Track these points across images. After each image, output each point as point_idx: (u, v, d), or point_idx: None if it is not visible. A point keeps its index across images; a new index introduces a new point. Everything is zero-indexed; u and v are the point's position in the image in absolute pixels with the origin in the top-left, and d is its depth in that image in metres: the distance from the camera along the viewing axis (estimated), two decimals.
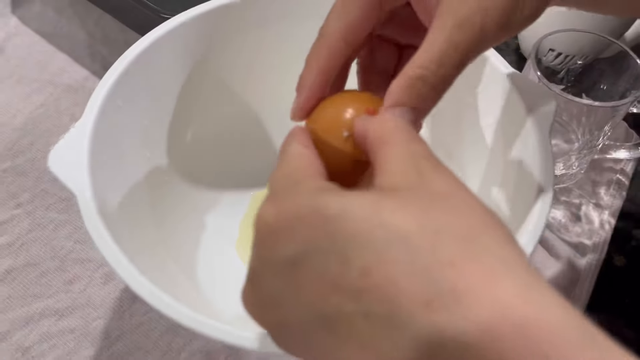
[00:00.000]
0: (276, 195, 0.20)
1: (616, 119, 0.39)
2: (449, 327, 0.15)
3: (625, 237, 0.41)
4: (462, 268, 0.15)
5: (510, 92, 0.32)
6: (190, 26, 0.35)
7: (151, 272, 0.27)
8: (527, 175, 0.30)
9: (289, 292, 0.18)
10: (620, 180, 0.44)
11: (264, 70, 0.39)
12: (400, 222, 0.16)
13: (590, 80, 0.43)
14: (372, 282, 0.16)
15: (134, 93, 0.33)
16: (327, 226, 0.17)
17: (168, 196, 0.36)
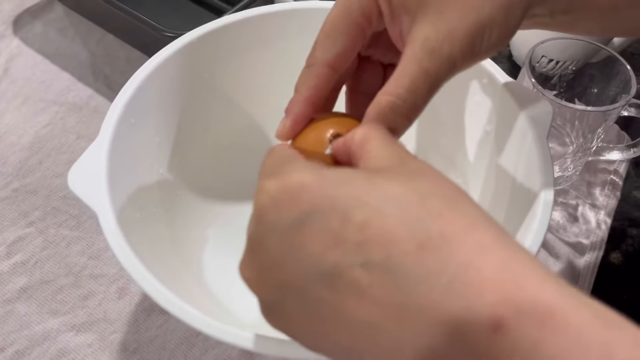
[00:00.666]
0: (274, 172, 0.21)
1: (608, 122, 0.40)
2: (439, 266, 0.17)
3: (621, 235, 0.43)
4: (448, 217, 0.18)
5: (508, 100, 0.34)
6: (196, 45, 0.36)
7: (170, 284, 0.28)
8: (527, 179, 0.31)
9: (292, 252, 0.19)
10: (614, 181, 0.45)
11: (266, 85, 0.40)
12: (392, 186, 0.19)
13: (582, 86, 0.44)
14: (370, 233, 0.18)
15: (146, 111, 0.34)
16: (328, 190, 0.19)
17: (180, 210, 0.37)
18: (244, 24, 0.37)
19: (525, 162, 0.32)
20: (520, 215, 0.30)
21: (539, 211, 0.28)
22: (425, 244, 0.18)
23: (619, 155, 0.44)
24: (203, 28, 0.36)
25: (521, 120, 0.33)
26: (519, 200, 0.31)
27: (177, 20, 0.56)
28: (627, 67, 0.40)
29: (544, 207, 0.29)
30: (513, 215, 0.31)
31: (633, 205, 0.45)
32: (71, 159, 0.45)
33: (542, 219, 0.28)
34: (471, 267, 0.17)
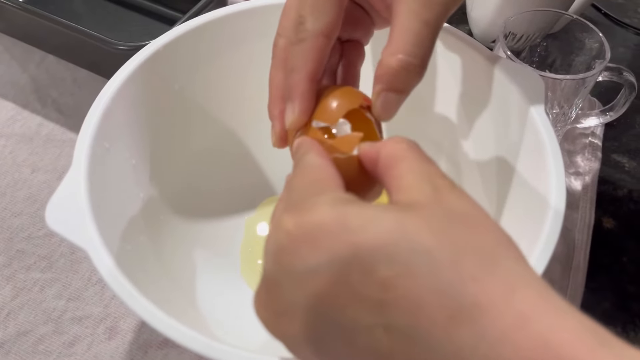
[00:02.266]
0: (296, 205, 0.19)
1: (587, 90, 0.40)
2: (472, 341, 0.15)
3: (609, 199, 0.43)
4: (484, 283, 0.16)
5: (496, 76, 0.33)
6: (161, 55, 0.33)
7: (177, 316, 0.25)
8: (532, 158, 0.30)
9: (308, 303, 0.18)
10: (593, 143, 0.46)
11: (239, 89, 0.38)
12: (423, 237, 0.17)
13: (552, 56, 0.44)
14: (394, 295, 0.16)
15: (119, 132, 0.31)
16: (350, 237, 0.17)
17: (165, 233, 0.34)
18: (207, 28, 0.35)
19: (526, 140, 0.31)
20: (528, 199, 0.29)
21: (552, 197, 0.27)
22: (456, 316, 0.15)
23: (596, 121, 0.44)
24: (166, 37, 0.34)
25: (513, 96, 0.32)
26: (524, 182, 0.30)
27: (124, 33, 0.52)
28: (597, 31, 0.40)
29: (557, 190, 0.27)
30: (519, 201, 0.30)
31: (614, 167, 0.45)
32: (30, 195, 0.41)
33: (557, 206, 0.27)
34: (508, 343, 0.15)
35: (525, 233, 0.27)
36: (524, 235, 0.27)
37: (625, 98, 0.42)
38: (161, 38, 0.34)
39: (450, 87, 0.36)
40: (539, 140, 0.30)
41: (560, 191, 0.27)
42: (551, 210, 0.27)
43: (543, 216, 0.27)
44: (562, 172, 0.28)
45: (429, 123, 0.38)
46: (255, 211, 0.40)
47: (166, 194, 0.35)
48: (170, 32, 0.34)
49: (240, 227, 0.39)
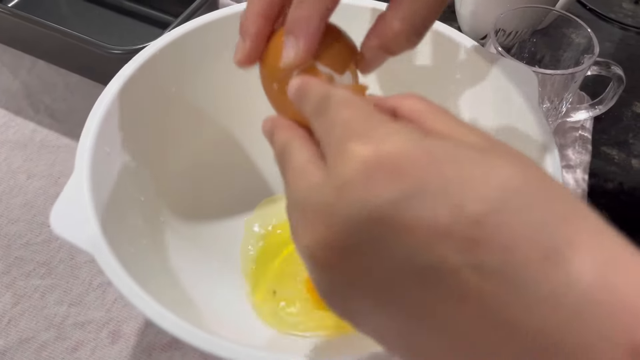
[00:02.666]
0: (362, 134, 0.17)
1: (577, 84, 0.41)
2: (566, 281, 0.15)
3: (599, 191, 0.44)
4: (575, 223, 0.15)
5: (490, 73, 0.33)
6: (158, 59, 0.33)
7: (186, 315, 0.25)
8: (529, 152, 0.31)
9: (384, 237, 0.16)
10: (583, 136, 0.46)
11: (237, 91, 0.38)
12: (512, 176, 0.16)
13: (540, 52, 0.45)
14: (486, 231, 0.15)
15: (118, 136, 0.31)
16: (438, 168, 0.16)
17: (167, 236, 0.34)
18: (203, 31, 0.35)
19: (521, 135, 0.31)
20: None
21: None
22: (551, 256, 0.15)
23: (585, 115, 0.45)
24: (162, 40, 0.34)
25: (507, 92, 0.32)
26: None
27: (113, 36, 0.52)
28: (585, 26, 0.41)
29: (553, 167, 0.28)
30: None
31: (604, 160, 0.46)
32: (26, 201, 0.41)
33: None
34: (606, 285, 0.14)
35: None
36: None
37: (613, 91, 0.43)
38: (157, 41, 0.34)
39: (444, 83, 0.36)
40: (534, 135, 0.30)
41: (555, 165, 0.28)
42: None
43: None
44: (558, 166, 0.29)
45: None
46: (253, 212, 0.40)
47: (166, 196, 0.35)
48: (166, 36, 0.34)
49: (240, 228, 0.39)
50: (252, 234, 0.39)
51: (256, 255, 0.38)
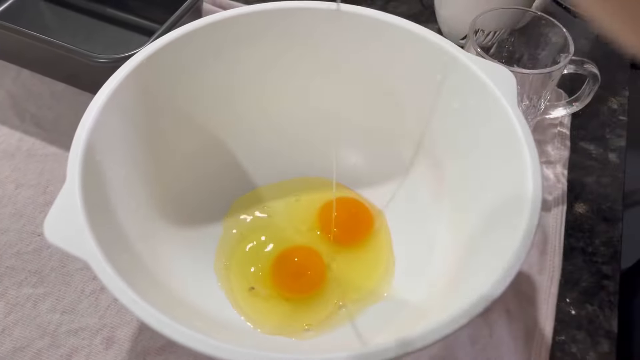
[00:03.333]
0: None
1: (554, 82, 0.42)
2: None
3: (579, 185, 0.45)
4: None
5: (470, 74, 0.34)
6: (145, 67, 0.34)
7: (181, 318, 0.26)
8: (507, 149, 0.32)
9: None
10: (562, 132, 0.48)
11: (224, 96, 0.39)
12: None
13: (519, 52, 0.46)
14: None
15: (109, 144, 0.31)
16: None
17: (159, 240, 0.35)
18: (189, 38, 0.36)
19: (501, 134, 0.32)
20: (507, 192, 0.31)
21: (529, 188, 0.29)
22: None
23: (563, 112, 0.46)
24: (149, 48, 0.34)
25: (487, 93, 0.33)
26: (503, 175, 0.32)
27: (98, 45, 0.52)
28: (560, 26, 0.42)
29: (534, 177, 0.29)
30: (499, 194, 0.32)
31: (583, 154, 0.47)
32: (15, 211, 0.41)
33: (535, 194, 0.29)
34: None
35: (506, 223, 0.29)
36: (505, 225, 0.29)
37: (589, 89, 0.44)
38: (145, 50, 0.34)
39: (424, 85, 0.37)
40: (514, 133, 0.31)
41: (537, 183, 0.29)
42: (529, 201, 0.29)
43: (522, 207, 0.28)
44: (537, 164, 0.30)
45: (405, 119, 0.39)
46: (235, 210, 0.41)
47: (156, 201, 0.35)
48: (154, 44, 0.34)
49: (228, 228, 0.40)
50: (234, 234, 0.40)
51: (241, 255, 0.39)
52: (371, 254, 0.39)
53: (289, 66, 0.39)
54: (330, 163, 0.43)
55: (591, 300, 0.39)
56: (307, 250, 0.39)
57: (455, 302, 0.29)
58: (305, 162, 0.43)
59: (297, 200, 0.42)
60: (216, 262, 0.38)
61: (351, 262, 0.39)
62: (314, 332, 0.35)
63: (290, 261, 0.38)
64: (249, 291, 0.36)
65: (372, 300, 0.37)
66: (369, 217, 0.40)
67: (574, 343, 0.37)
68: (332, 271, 0.38)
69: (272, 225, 0.40)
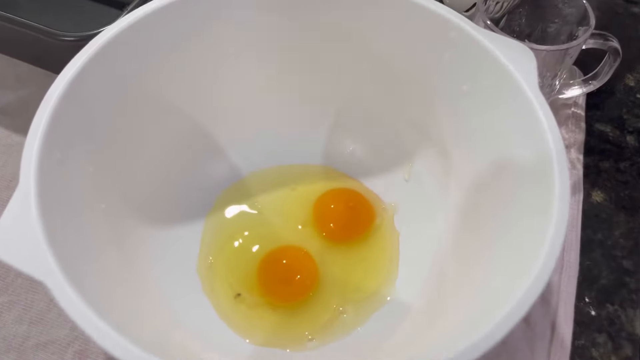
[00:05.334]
0: None
1: (571, 60, 0.38)
2: None
3: (595, 171, 0.42)
4: None
5: (483, 52, 0.30)
6: (114, 47, 0.29)
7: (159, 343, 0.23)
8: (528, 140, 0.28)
9: None
10: (576, 113, 0.44)
11: (202, 78, 0.35)
12: None
13: (531, 23, 0.42)
14: None
15: (71, 138, 0.27)
16: None
17: (134, 242, 0.31)
18: (163, 13, 0.31)
19: (521, 121, 0.28)
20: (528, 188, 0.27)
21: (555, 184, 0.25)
22: None
23: (579, 91, 0.42)
24: (116, 25, 0.30)
25: (502, 71, 0.29)
26: (522, 169, 0.28)
27: (68, 22, 0.47)
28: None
29: (560, 176, 0.25)
30: (518, 181, 0.28)
31: (597, 138, 0.44)
32: None
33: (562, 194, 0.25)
34: None
35: (529, 226, 0.25)
36: (528, 229, 0.25)
37: (609, 66, 0.40)
38: (113, 26, 0.30)
39: (431, 65, 0.33)
40: (536, 122, 0.27)
41: (564, 177, 0.25)
42: (556, 199, 0.25)
43: (548, 205, 0.25)
44: (564, 156, 0.26)
45: (411, 106, 0.35)
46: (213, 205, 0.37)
47: (130, 200, 0.32)
48: (121, 20, 0.30)
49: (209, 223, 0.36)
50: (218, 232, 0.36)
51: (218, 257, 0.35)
52: (372, 252, 0.35)
53: (279, 43, 0.35)
54: (329, 150, 0.39)
55: (612, 299, 0.36)
56: (295, 250, 0.35)
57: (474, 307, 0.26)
58: (301, 148, 0.39)
59: (293, 190, 0.38)
60: (199, 264, 0.34)
61: (350, 261, 0.35)
62: (317, 341, 0.32)
63: (277, 264, 0.34)
64: (235, 298, 0.33)
65: (375, 305, 0.33)
66: (370, 212, 0.36)
67: (594, 347, 0.34)
68: (328, 272, 0.34)
69: (261, 220, 0.37)
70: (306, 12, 0.33)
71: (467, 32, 0.31)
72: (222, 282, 0.33)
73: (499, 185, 0.30)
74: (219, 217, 0.36)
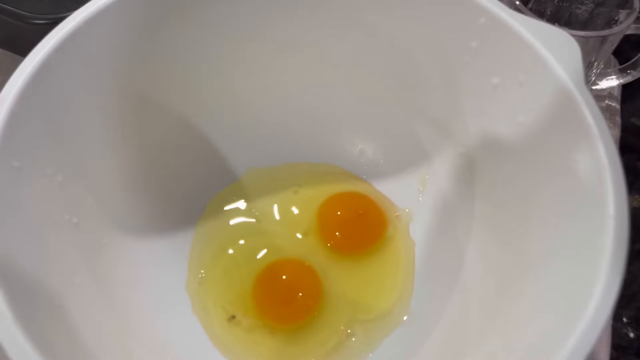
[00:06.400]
0: None
1: (611, 48, 0.34)
2: None
3: (633, 172, 0.38)
4: None
5: (517, 40, 0.26)
6: (85, 32, 0.25)
7: None
8: (574, 145, 0.24)
9: None
10: (611, 106, 0.40)
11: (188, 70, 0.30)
12: None
13: (563, 9, 0.38)
14: None
15: (33, 143, 0.23)
16: None
17: (113, 263, 0.27)
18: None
19: (564, 124, 0.24)
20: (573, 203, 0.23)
21: (609, 200, 0.21)
22: None
23: (615, 82, 0.38)
24: (89, 6, 0.25)
25: (541, 65, 0.25)
26: (566, 178, 0.24)
27: (40, 3, 0.43)
28: None
29: (615, 191, 0.21)
30: (559, 204, 0.24)
31: (635, 134, 0.39)
32: None
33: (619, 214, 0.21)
34: None
35: (576, 253, 0.21)
36: (576, 257, 0.21)
37: None
38: (83, 9, 0.25)
39: (456, 54, 0.29)
40: (581, 122, 0.23)
41: (621, 196, 0.21)
42: (611, 219, 0.21)
43: (601, 229, 0.21)
44: (619, 170, 0.22)
45: (430, 100, 0.31)
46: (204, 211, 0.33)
47: (107, 212, 0.28)
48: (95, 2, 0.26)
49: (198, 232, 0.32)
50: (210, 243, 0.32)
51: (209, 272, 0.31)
52: (384, 266, 0.31)
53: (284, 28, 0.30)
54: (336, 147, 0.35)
55: None
56: (296, 264, 0.31)
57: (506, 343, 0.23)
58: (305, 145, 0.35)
59: (295, 193, 0.34)
60: (188, 280, 0.30)
61: (359, 277, 0.31)
62: None
63: (275, 281, 0.30)
64: (229, 321, 0.29)
65: (388, 327, 0.29)
66: (382, 219, 0.32)
67: None
68: (334, 289, 0.31)
69: (258, 228, 0.33)
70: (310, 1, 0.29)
71: (499, 17, 0.26)
72: (214, 301, 0.30)
73: (534, 197, 0.26)
74: (211, 225, 0.32)
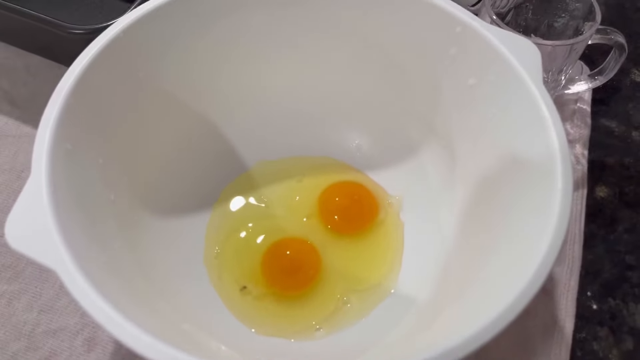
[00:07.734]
0: None
1: (577, 55, 0.38)
2: None
3: (600, 167, 0.42)
4: None
5: (488, 47, 0.30)
6: (123, 40, 0.30)
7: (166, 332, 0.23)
8: (532, 135, 0.28)
9: None
10: (581, 108, 0.44)
11: (210, 74, 0.35)
12: None
13: (536, 18, 0.42)
14: None
15: (81, 130, 0.28)
16: None
17: (142, 234, 0.32)
18: (173, 7, 0.31)
19: (525, 116, 0.29)
20: (533, 183, 0.27)
21: (558, 179, 0.25)
22: None
23: (585, 87, 0.42)
24: (128, 17, 0.30)
25: (508, 66, 0.30)
26: (526, 163, 0.28)
27: (76, 13, 0.48)
28: None
29: (564, 172, 0.26)
30: (519, 176, 0.28)
31: (604, 133, 0.44)
32: None
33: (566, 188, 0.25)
34: None
35: (532, 220, 0.26)
36: (532, 223, 0.26)
37: (615, 61, 0.40)
38: (122, 19, 0.30)
39: (437, 59, 0.33)
40: (539, 116, 0.28)
41: (567, 172, 0.26)
42: (559, 192, 0.25)
43: (551, 199, 0.25)
44: (567, 152, 0.26)
45: (417, 100, 0.35)
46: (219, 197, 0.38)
47: (138, 191, 0.32)
48: (132, 13, 0.30)
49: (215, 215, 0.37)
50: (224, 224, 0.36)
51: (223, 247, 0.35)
52: (376, 244, 0.36)
53: (287, 36, 0.35)
54: (336, 143, 0.40)
55: (614, 294, 0.36)
56: (298, 242, 0.35)
57: (477, 299, 0.27)
58: (308, 141, 0.39)
59: (299, 182, 0.39)
60: (206, 255, 0.35)
61: (353, 253, 0.35)
62: (324, 331, 0.32)
63: (281, 256, 0.34)
64: (241, 291, 0.33)
65: (379, 297, 0.34)
66: (374, 205, 0.37)
67: (595, 340, 0.34)
68: (331, 263, 0.35)
69: (266, 212, 0.37)
70: (312, 8, 0.33)
71: (472, 27, 0.31)
72: (228, 274, 0.34)
73: (503, 179, 0.30)
74: (225, 210, 0.37)
